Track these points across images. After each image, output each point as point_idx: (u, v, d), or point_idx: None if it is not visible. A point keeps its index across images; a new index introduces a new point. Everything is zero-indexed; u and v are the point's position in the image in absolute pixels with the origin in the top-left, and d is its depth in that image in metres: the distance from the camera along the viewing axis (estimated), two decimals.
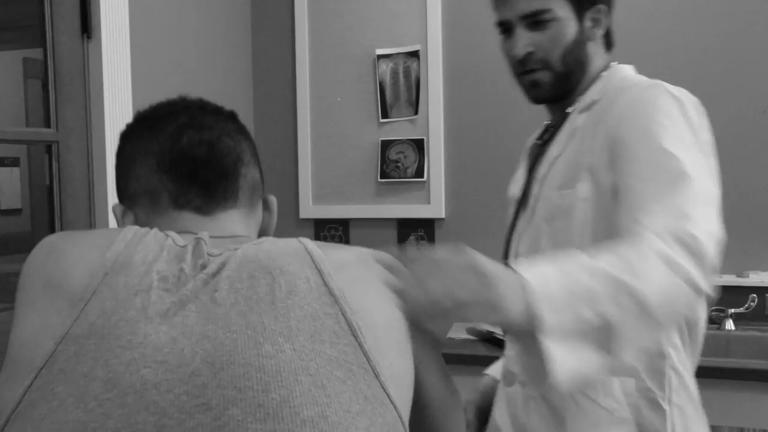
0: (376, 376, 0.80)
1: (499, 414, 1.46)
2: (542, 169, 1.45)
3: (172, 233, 0.88)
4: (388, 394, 0.81)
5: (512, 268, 1.00)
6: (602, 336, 0.99)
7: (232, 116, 1.05)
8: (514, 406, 1.42)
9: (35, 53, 2.31)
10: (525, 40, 1.40)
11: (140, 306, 0.79)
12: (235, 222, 0.97)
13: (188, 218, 0.94)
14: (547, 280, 0.99)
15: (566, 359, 0.97)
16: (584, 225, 1.31)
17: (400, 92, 3.13)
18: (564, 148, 1.41)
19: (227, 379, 0.74)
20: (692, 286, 1.05)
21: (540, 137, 1.57)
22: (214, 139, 0.97)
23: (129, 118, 2.47)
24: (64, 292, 0.82)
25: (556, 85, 1.42)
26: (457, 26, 3.07)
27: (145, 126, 1.01)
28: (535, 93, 1.44)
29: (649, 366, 1.31)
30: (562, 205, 1.35)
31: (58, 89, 2.25)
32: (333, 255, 0.87)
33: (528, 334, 0.97)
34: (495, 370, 1.65)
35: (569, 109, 1.44)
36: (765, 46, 2.73)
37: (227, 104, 1.12)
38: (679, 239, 1.06)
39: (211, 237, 0.89)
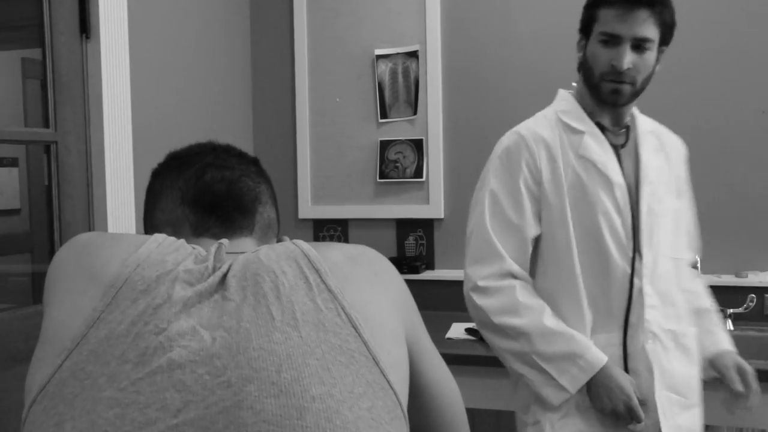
0: (376, 363, 0.87)
1: (646, 366, 1.75)
2: (652, 175, 1.80)
3: (197, 246, 0.97)
4: (388, 380, 0.88)
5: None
6: None
7: (255, 161, 1.14)
8: (657, 357, 1.75)
9: (34, 53, 2.30)
10: (630, 57, 1.71)
11: (165, 295, 0.87)
12: (250, 245, 1.05)
13: (206, 243, 1.01)
14: None
15: None
16: (685, 230, 1.89)
17: (399, 92, 3.13)
18: (657, 162, 1.83)
19: (244, 361, 0.82)
20: None
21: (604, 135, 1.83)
22: (235, 178, 1.07)
23: (128, 117, 2.48)
24: (98, 281, 0.90)
25: (629, 98, 1.77)
26: (456, 26, 3.07)
27: (174, 165, 1.09)
28: (614, 98, 1.76)
29: None
30: (676, 210, 1.84)
31: (57, 89, 2.25)
32: (325, 255, 0.95)
33: None
34: (598, 355, 1.75)
35: (629, 122, 1.85)
36: (764, 47, 2.73)
37: (226, 104, 1.15)
38: None
39: (227, 253, 0.97)
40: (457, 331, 2.66)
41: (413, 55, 3.11)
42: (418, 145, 3.11)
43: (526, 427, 1.81)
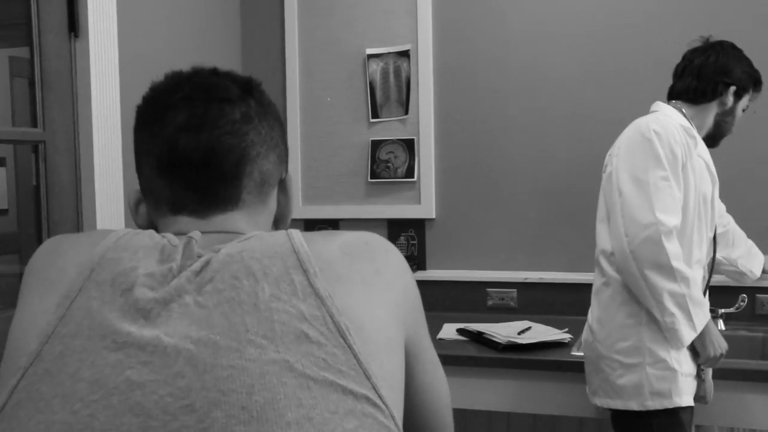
0: (368, 377, 0.79)
1: None
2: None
3: (168, 234, 0.88)
4: (380, 395, 0.79)
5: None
6: None
7: (243, 92, 0.97)
8: None
9: (22, 52, 2.28)
10: None
11: (124, 305, 0.78)
12: (236, 221, 0.93)
13: (184, 221, 0.92)
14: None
15: None
16: None
17: (390, 92, 3.12)
18: None
19: (211, 381, 0.74)
20: None
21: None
22: (213, 141, 0.91)
23: (117, 117, 2.45)
24: (54, 291, 0.82)
25: None
26: (448, 26, 3.06)
27: (150, 117, 0.96)
28: (714, 146, 2.23)
29: None
30: None
31: (45, 88, 2.23)
32: (319, 251, 0.85)
33: None
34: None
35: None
36: (755, 47, 2.73)
37: None
38: None
39: (203, 233, 0.88)
40: (448, 331, 2.65)
41: (405, 54, 3.10)
42: (409, 145, 3.10)
43: (641, 367, 1.98)
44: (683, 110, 2.15)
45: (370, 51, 3.14)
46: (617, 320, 2.03)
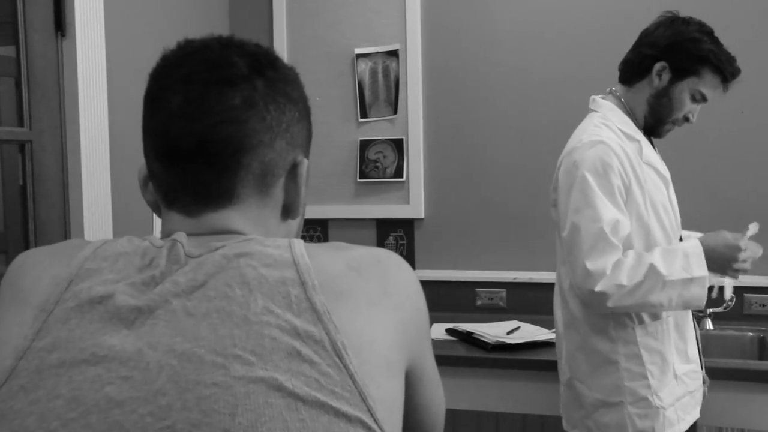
0: (363, 399, 0.73)
1: (694, 334, 2.06)
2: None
3: (150, 237, 0.84)
4: (375, 419, 0.74)
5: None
6: None
7: (249, 76, 0.86)
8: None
9: (8, 51, 2.26)
10: None
11: (105, 315, 0.74)
12: (231, 220, 0.86)
13: (175, 220, 0.87)
14: None
15: None
16: None
17: (379, 92, 3.12)
18: None
19: (193, 401, 0.69)
20: None
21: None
22: (206, 130, 0.83)
23: (104, 116, 2.43)
24: (28, 304, 0.78)
25: None
26: (436, 26, 3.06)
27: (151, 94, 0.90)
28: (662, 135, 2.03)
29: None
30: None
31: (32, 88, 2.21)
32: (322, 264, 0.79)
33: None
34: (691, 241, 1.96)
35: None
36: (743, 48, 2.74)
37: None
38: None
39: (190, 235, 0.83)
40: (437, 331, 2.65)
41: (393, 54, 3.10)
42: (398, 145, 3.10)
43: (622, 406, 1.89)
44: (622, 98, 2.01)
45: (358, 51, 3.13)
46: (596, 359, 1.95)
